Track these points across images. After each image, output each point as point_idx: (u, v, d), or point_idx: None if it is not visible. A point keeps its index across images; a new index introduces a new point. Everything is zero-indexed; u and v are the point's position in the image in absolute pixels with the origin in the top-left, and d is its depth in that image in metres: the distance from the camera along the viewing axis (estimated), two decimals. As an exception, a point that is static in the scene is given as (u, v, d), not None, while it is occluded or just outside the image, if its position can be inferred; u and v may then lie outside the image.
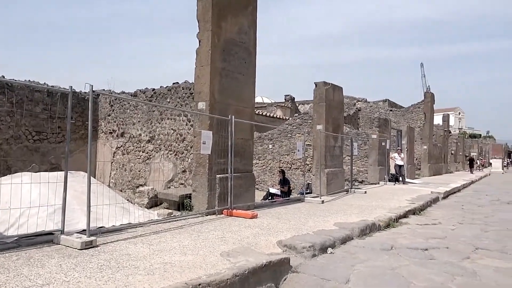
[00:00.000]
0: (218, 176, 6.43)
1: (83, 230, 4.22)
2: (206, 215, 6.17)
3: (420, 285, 3.58)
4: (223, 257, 3.72)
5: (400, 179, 15.87)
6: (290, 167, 17.30)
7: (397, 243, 5.24)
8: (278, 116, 23.63)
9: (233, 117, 6.56)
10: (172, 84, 12.74)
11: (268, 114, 22.53)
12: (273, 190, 12.07)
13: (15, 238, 4.05)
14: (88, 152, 4.37)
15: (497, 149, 58.65)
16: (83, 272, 3.11)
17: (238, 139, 6.82)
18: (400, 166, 16.26)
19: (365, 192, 11.08)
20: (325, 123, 10.47)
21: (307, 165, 14.54)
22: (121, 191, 12.98)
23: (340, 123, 11.67)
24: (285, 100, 28.45)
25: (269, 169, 18.04)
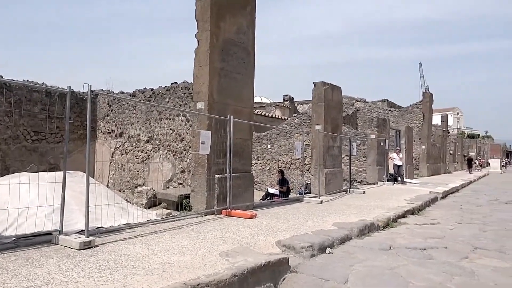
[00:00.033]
0: (217, 176, 6.42)
1: (81, 230, 4.21)
2: (205, 215, 6.16)
3: (418, 284, 3.59)
4: (222, 257, 3.72)
5: (399, 179, 15.88)
6: (289, 167, 17.30)
7: (395, 243, 5.25)
8: (277, 116, 23.64)
9: (231, 117, 6.56)
10: (171, 84, 12.73)
11: (267, 114, 22.54)
12: (272, 190, 12.08)
13: (14, 239, 4.05)
14: (87, 152, 4.38)
15: (495, 149, 58.73)
16: (81, 273, 3.11)
17: (237, 139, 6.82)
18: (398, 166, 16.27)
19: (363, 192, 11.10)
20: (324, 123, 10.48)
21: (306, 165, 14.54)
22: (119, 191, 12.97)
23: (339, 123, 11.69)
24: (284, 100, 28.47)
25: (268, 169, 18.05)
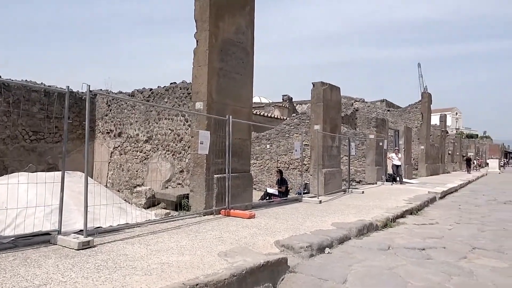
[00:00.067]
0: (215, 176, 6.42)
1: (80, 231, 4.21)
2: (204, 215, 6.16)
3: (417, 284, 3.59)
4: (220, 257, 3.72)
5: (398, 179, 15.89)
6: (288, 167, 17.31)
7: (394, 243, 5.25)
8: (275, 116, 23.65)
9: (230, 117, 6.56)
10: (170, 84, 12.73)
11: (266, 114, 22.55)
12: (270, 190, 12.09)
13: (12, 239, 4.04)
14: (85, 152, 4.37)
15: (494, 149, 58.79)
16: (80, 273, 3.10)
17: (235, 139, 6.82)
18: (397, 166, 16.27)
19: (362, 192, 11.10)
20: (322, 123, 10.50)
21: (305, 165, 14.54)
22: (118, 191, 12.96)
23: (338, 123, 11.70)
24: (282, 100, 28.50)
25: (266, 169, 18.05)
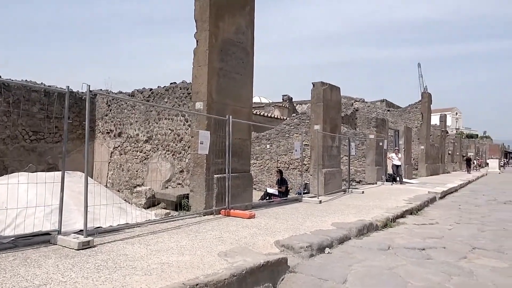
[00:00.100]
0: (215, 176, 6.42)
1: (80, 231, 4.21)
2: (204, 215, 6.16)
3: (417, 284, 3.59)
4: (220, 257, 3.72)
5: (398, 179, 15.89)
6: (288, 167, 17.31)
7: (394, 243, 5.25)
8: (275, 116, 23.65)
9: (230, 117, 6.56)
10: (170, 84, 12.73)
11: (265, 114, 22.55)
12: (270, 190, 12.09)
13: (12, 239, 4.04)
14: (85, 152, 4.37)
15: (494, 149, 58.81)
16: (80, 273, 3.10)
17: (235, 139, 6.82)
18: (397, 166, 16.28)
19: (362, 192, 11.10)
20: (322, 123, 10.50)
21: (305, 165, 14.54)
22: (118, 191, 12.97)
23: (338, 123, 11.70)
24: (282, 100, 28.50)
25: (266, 169, 18.05)
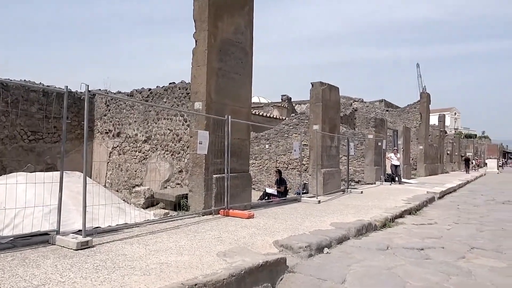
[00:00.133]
0: (214, 176, 6.42)
1: (78, 231, 4.20)
2: (203, 215, 6.16)
3: (416, 284, 3.60)
4: (219, 257, 3.72)
5: (396, 179, 15.91)
6: (287, 167, 17.32)
7: (393, 243, 5.26)
8: (274, 116, 23.66)
9: (229, 117, 6.56)
10: (169, 84, 12.73)
11: (264, 114, 22.55)
12: (269, 190, 12.09)
13: (10, 239, 4.03)
14: (84, 152, 4.36)
15: (492, 149, 58.99)
16: (78, 273, 3.10)
17: (234, 139, 6.82)
18: (396, 166, 16.29)
19: (361, 192, 11.11)
20: (321, 123, 10.50)
21: (304, 165, 14.56)
22: (117, 191, 12.95)
23: (337, 123, 11.71)
24: (281, 100, 28.50)
25: (265, 169, 18.06)
